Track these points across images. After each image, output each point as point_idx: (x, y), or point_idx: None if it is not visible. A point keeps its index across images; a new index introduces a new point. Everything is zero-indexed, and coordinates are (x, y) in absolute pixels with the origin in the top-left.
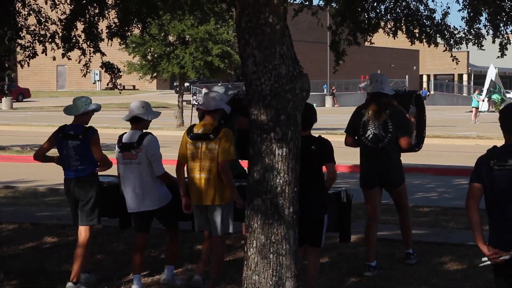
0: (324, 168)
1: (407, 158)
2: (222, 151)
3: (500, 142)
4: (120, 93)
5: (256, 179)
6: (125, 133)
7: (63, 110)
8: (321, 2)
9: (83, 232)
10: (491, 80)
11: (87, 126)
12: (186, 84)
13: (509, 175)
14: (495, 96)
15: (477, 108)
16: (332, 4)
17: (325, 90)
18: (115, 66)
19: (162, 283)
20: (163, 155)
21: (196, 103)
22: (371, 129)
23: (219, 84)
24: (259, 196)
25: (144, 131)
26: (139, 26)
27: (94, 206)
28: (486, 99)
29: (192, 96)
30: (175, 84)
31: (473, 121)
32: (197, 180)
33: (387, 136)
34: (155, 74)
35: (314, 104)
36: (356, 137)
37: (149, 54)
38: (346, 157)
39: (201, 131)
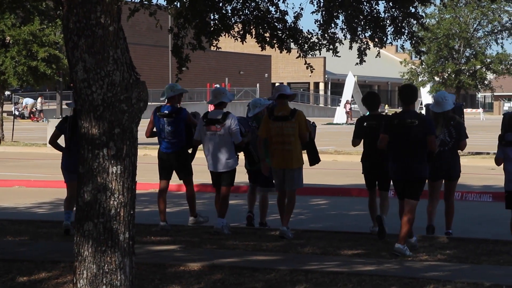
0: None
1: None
2: (304, 128)
3: (358, 157)
4: None
5: (87, 201)
6: (208, 111)
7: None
8: (161, 1)
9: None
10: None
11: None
12: (7, 92)
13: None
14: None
15: None
16: (175, 3)
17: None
18: None
19: (214, 231)
20: None
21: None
22: (440, 136)
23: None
24: (90, 220)
25: (224, 110)
26: None
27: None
28: (345, 110)
29: (14, 107)
30: None
31: None
32: (280, 150)
33: (451, 141)
34: None
35: None
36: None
37: None
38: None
39: (281, 113)
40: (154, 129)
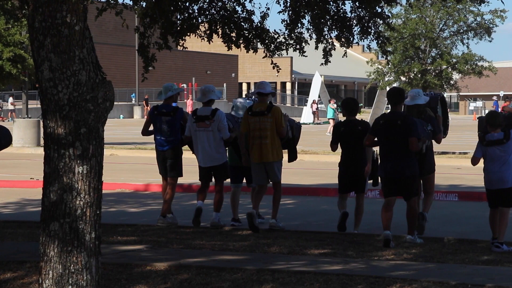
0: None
1: None
2: (280, 123)
3: (324, 156)
4: None
5: (53, 201)
6: (197, 109)
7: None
8: (127, 0)
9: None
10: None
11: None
12: None
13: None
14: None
15: (334, 119)
16: (140, 3)
17: (133, 99)
18: None
19: (211, 225)
20: None
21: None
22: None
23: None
24: (56, 220)
25: (213, 107)
26: None
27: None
28: (311, 110)
29: None
30: None
31: (328, 133)
32: (258, 145)
33: None
34: None
35: (121, 116)
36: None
37: None
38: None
39: (259, 109)
40: (151, 128)
